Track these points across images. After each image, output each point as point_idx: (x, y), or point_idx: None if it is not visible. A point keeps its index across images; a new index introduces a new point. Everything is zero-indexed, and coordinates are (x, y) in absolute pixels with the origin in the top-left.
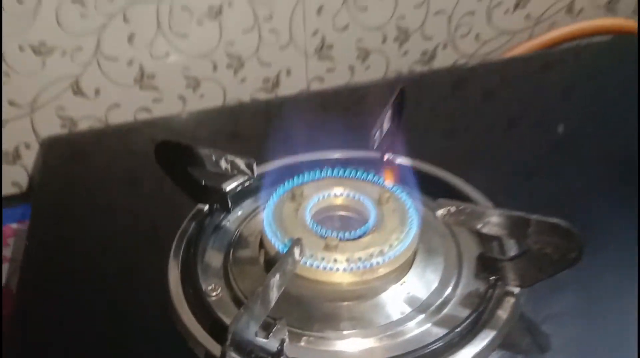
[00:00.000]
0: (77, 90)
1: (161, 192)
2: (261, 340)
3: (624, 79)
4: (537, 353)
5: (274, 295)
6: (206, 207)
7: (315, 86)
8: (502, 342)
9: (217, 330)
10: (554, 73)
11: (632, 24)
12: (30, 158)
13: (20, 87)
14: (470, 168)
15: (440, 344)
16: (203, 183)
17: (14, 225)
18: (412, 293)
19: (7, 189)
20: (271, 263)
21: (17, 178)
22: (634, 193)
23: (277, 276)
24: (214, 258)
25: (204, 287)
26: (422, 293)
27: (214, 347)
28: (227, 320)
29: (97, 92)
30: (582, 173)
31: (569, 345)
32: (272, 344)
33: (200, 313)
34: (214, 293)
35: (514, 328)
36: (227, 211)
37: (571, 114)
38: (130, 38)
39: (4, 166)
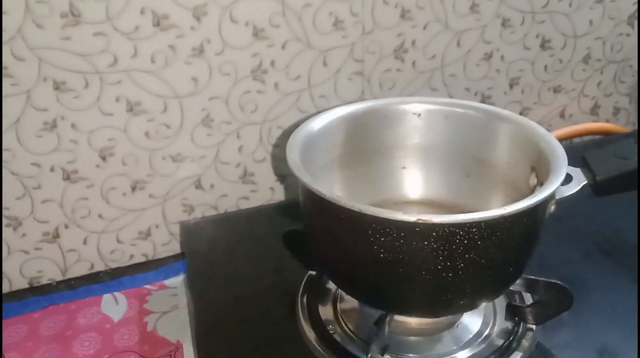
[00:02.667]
0: (198, 185)
1: (269, 259)
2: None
3: None
4: None
5: (387, 330)
6: (314, 272)
7: None
8: None
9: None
10: None
11: (612, 126)
12: (157, 235)
13: (159, 184)
14: None
15: None
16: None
17: (148, 286)
18: (463, 332)
19: (139, 259)
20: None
21: (146, 250)
22: (615, 265)
23: (388, 318)
24: (325, 305)
25: (326, 327)
26: (470, 332)
27: None
28: (343, 345)
29: (212, 186)
30: (580, 250)
31: None
32: None
33: (324, 343)
34: (332, 330)
35: (533, 352)
36: None
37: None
38: (240, 149)
39: (139, 242)
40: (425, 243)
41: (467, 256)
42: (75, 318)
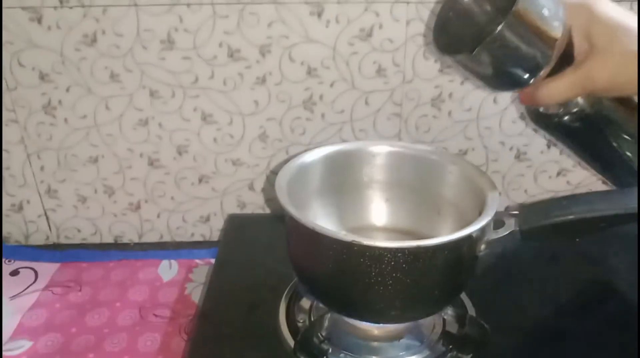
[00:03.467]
0: (251, 187)
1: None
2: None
3: None
4: None
5: (326, 324)
6: None
7: None
8: None
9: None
10: None
11: None
12: (215, 222)
13: (220, 181)
14: None
15: None
16: None
17: (198, 260)
18: (409, 343)
19: (198, 238)
20: None
21: (204, 232)
22: None
23: (328, 315)
24: (305, 304)
25: (297, 317)
26: (415, 343)
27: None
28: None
29: (262, 190)
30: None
31: None
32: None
33: (293, 330)
34: (301, 322)
35: None
36: None
37: None
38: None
39: (199, 225)
40: (361, 259)
41: (394, 275)
42: (136, 273)
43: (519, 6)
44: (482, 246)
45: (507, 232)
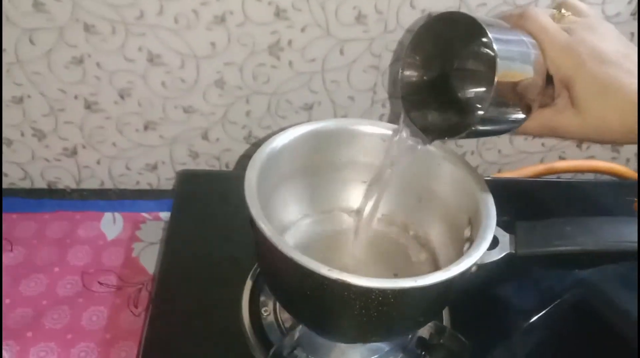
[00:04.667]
0: (205, 136)
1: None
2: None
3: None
4: None
5: (296, 336)
6: None
7: None
8: None
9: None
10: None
11: (621, 169)
12: (163, 170)
13: (169, 128)
14: None
15: None
16: None
17: (145, 214)
18: (379, 345)
19: (144, 186)
20: None
21: (151, 180)
22: None
23: (299, 327)
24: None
25: (261, 309)
26: (384, 347)
27: (258, 343)
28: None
29: (217, 139)
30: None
31: None
32: None
33: (255, 324)
34: (266, 313)
35: None
36: None
37: None
38: (248, 113)
39: (147, 173)
40: (345, 293)
41: (380, 308)
42: (76, 229)
43: (499, 78)
44: (473, 268)
45: (502, 255)
